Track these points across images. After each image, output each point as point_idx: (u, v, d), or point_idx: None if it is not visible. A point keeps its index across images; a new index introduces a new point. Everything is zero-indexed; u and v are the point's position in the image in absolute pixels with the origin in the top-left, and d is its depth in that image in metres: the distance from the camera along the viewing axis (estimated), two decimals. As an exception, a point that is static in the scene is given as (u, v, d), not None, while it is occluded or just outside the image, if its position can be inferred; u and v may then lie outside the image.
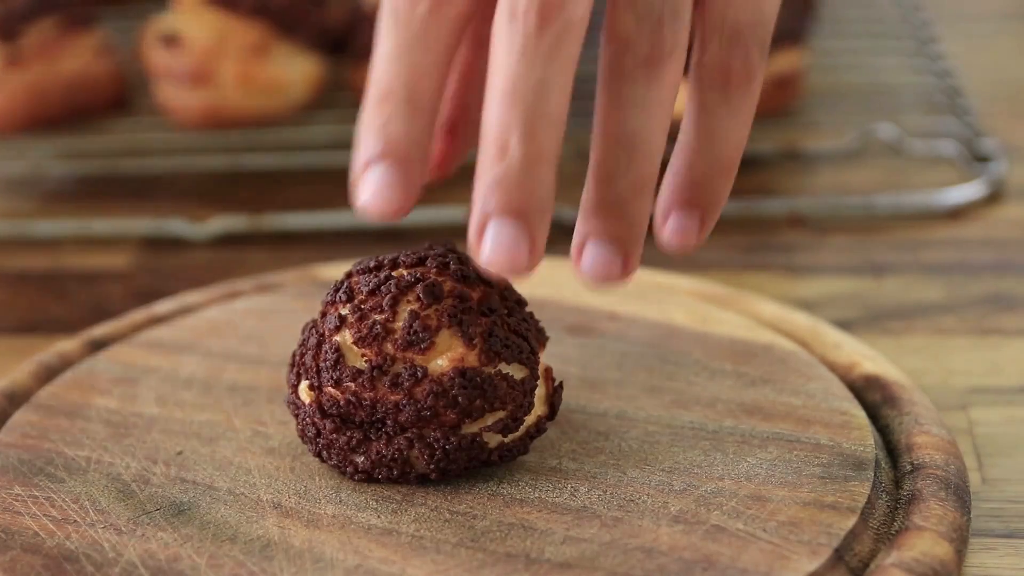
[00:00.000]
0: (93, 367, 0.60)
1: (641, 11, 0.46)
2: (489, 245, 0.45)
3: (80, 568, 0.47)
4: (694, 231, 0.49)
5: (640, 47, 0.46)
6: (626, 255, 0.47)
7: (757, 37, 0.48)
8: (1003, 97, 0.97)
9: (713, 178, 0.49)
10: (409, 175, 0.46)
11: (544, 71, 0.45)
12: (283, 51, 0.90)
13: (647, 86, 0.47)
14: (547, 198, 0.46)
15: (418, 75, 0.47)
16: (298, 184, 0.86)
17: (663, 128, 0.47)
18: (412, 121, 0.47)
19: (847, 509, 0.48)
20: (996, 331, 0.65)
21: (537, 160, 0.45)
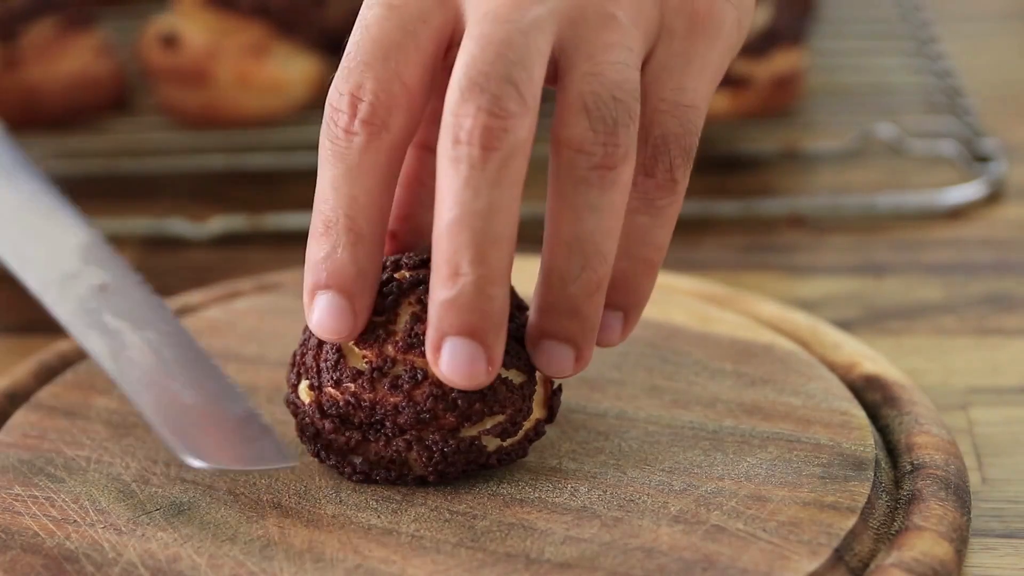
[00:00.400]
0: (93, 367, 0.60)
1: (594, 117, 0.47)
2: (446, 361, 0.47)
3: (80, 568, 0.47)
4: (616, 330, 0.50)
5: (594, 153, 0.47)
6: (579, 351, 0.49)
7: (682, 148, 0.49)
8: (1003, 97, 0.97)
9: (634, 277, 0.50)
10: (354, 302, 0.48)
11: (490, 196, 0.45)
12: (283, 51, 0.90)
13: (601, 190, 0.47)
14: (501, 313, 0.47)
15: (358, 205, 0.48)
16: (298, 184, 0.86)
17: (616, 231, 0.48)
18: (355, 250, 0.48)
19: (847, 509, 0.48)
20: (996, 331, 0.65)
21: (489, 281, 0.46)
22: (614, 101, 0.47)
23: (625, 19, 0.47)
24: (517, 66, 0.45)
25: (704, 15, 0.49)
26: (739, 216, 0.78)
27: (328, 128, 0.48)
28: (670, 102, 0.49)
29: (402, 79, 0.47)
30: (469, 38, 0.46)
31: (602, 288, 0.48)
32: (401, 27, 0.48)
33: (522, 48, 0.46)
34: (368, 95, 0.47)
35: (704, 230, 0.77)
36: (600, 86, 0.47)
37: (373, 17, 0.48)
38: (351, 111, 0.48)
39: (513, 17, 0.46)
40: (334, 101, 0.48)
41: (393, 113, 0.47)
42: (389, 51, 0.47)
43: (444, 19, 0.48)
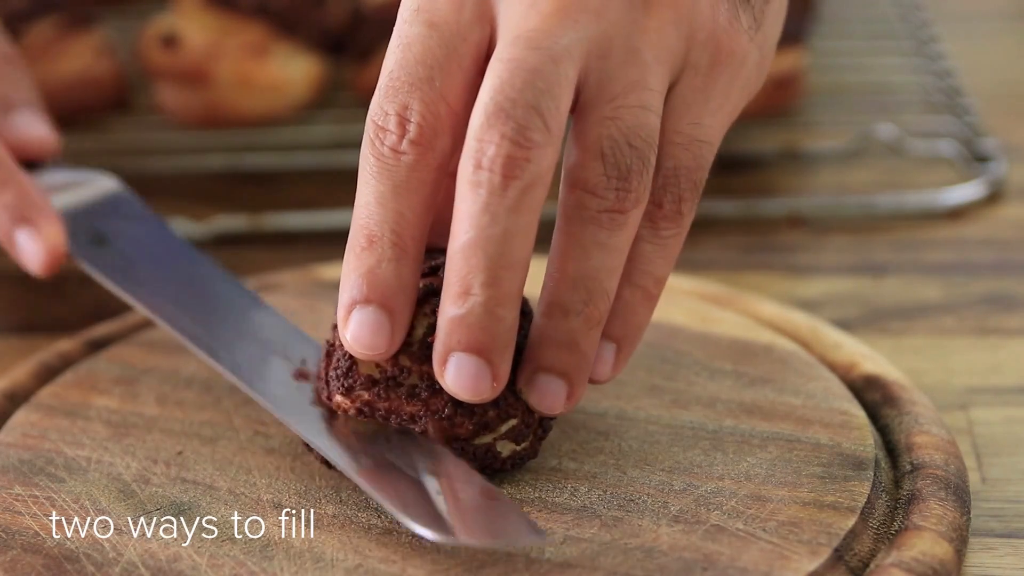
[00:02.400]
0: (93, 367, 0.60)
1: (609, 163, 0.47)
2: (452, 375, 0.47)
3: (81, 568, 0.47)
4: (608, 362, 0.50)
5: (606, 198, 0.47)
6: (571, 387, 0.49)
7: (692, 182, 0.49)
8: (1003, 97, 0.97)
9: (634, 309, 0.50)
10: (394, 318, 0.48)
11: (507, 223, 0.46)
12: (283, 51, 0.90)
13: (610, 231, 0.47)
14: (508, 333, 0.47)
15: (405, 221, 0.48)
16: (298, 184, 0.86)
17: (619, 270, 0.48)
18: (400, 265, 0.48)
19: (847, 509, 0.48)
20: (996, 331, 0.65)
21: (498, 303, 0.46)
22: (629, 148, 0.47)
23: (649, 55, 0.47)
24: (545, 95, 0.45)
25: (728, 53, 0.49)
26: (739, 216, 0.78)
27: (373, 145, 0.48)
28: (686, 135, 0.49)
29: (447, 100, 0.47)
30: (499, 61, 0.46)
31: (600, 324, 0.49)
32: (443, 45, 0.47)
33: (551, 77, 0.46)
34: (415, 116, 0.47)
35: (704, 230, 0.77)
36: (617, 131, 0.47)
37: (415, 36, 0.48)
38: (400, 131, 0.47)
39: (544, 44, 0.46)
40: (379, 119, 0.48)
41: (439, 134, 0.47)
42: (433, 70, 0.47)
43: (482, 35, 0.48)
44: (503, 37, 0.47)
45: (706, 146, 0.49)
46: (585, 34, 0.47)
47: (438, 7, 0.48)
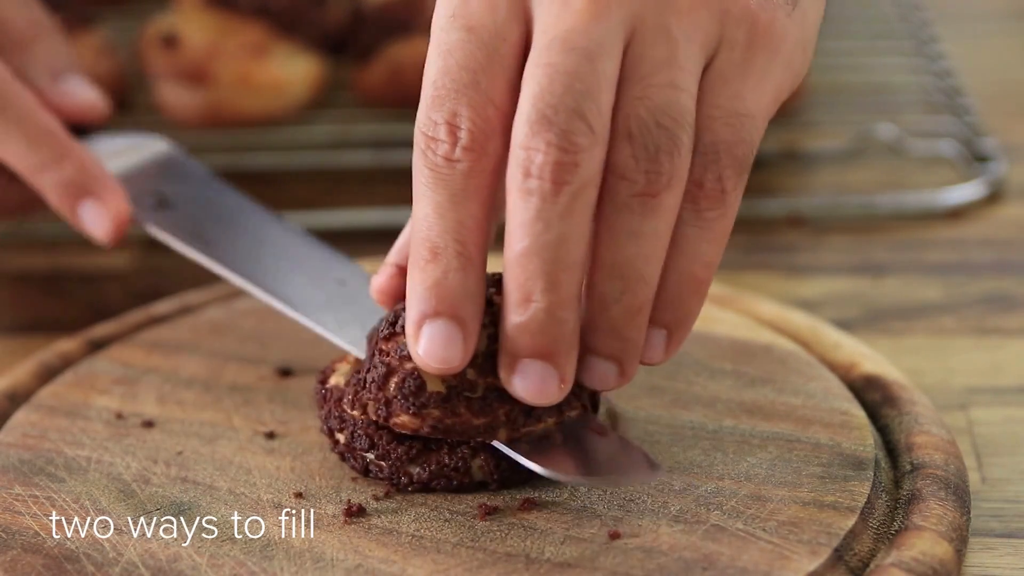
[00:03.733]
0: (93, 367, 0.60)
1: (637, 144, 0.46)
2: (520, 381, 0.47)
3: (81, 568, 0.47)
4: (660, 348, 0.49)
5: (636, 181, 0.47)
6: (622, 368, 0.49)
7: (734, 157, 0.48)
8: (1003, 97, 0.97)
9: (679, 294, 0.49)
10: (466, 328, 0.48)
11: (561, 228, 0.46)
12: (283, 51, 0.90)
13: (642, 217, 0.47)
14: (572, 335, 0.47)
15: (466, 229, 0.47)
16: (298, 184, 0.86)
17: (658, 255, 0.48)
18: (467, 275, 0.48)
19: (847, 509, 0.48)
20: (996, 331, 0.65)
21: (560, 306, 0.46)
22: (658, 128, 0.46)
23: (680, 33, 0.47)
24: (586, 97, 0.45)
25: (765, 28, 0.48)
26: (739, 216, 0.78)
27: (426, 156, 0.47)
28: (725, 109, 0.48)
29: (494, 102, 0.47)
30: (537, 66, 0.46)
31: (644, 310, 0.48)
32: (483, 48, 0.47)
33: (590, 77, 0.45)
34: (466, 122, 0.47)
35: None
36: (645, 111, 0.46)
37: (456, 42, 0.47)
38: (451, 139, 0.47)
39: (580, 43, 0.46)
40: (428, 130, 0.47)
41: (491, 137, 0.47)
42: (477, 74, 0.47)
43: (520, 33, 0.47)
44: (539, 38, 0.47)
45: (748, 120, 0.48)
46: (619, 21, 0.46)
47: (472, 11, 0.47)
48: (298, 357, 0.60)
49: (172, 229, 0.62)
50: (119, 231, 0.63)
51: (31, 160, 0.63)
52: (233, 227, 0.63)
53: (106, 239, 0.63)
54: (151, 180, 0.66)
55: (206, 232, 0.62)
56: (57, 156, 0.63)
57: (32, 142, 0.63)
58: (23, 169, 0.63)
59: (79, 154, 0.63)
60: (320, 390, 0.53)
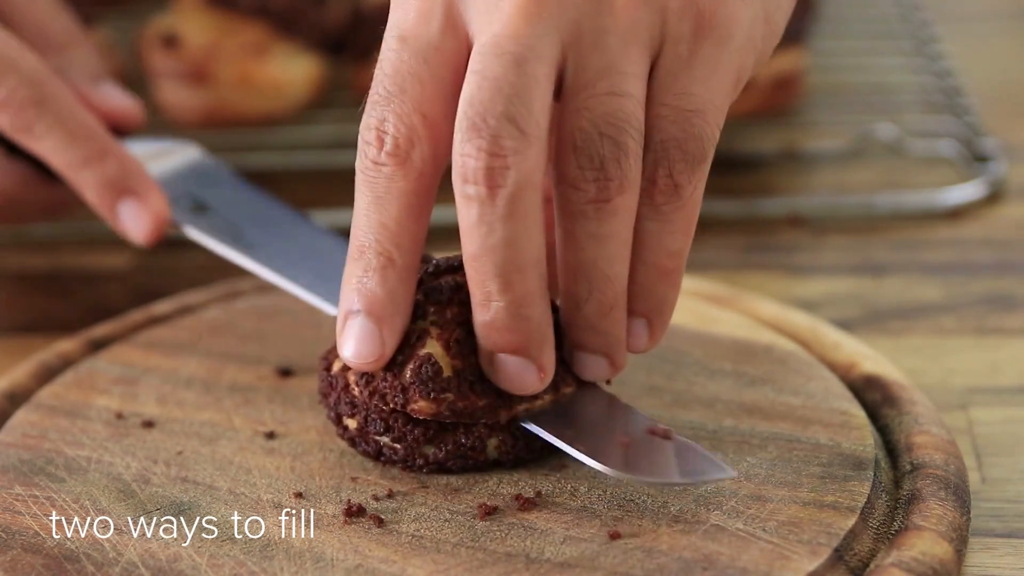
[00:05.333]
0: (93, 367, 0.60)
1: (583, 156, 0.47)
2: (499, 376, 0.49)
3: (81, 568, 0.47)
4: (643, 337, 0.51)
5: (586, 190, 0.47)
6: (609, 359, 0.50)
7: (684, 153, 0.48)
8: (1003, 97, 0.97)
9: (653, 285, 0.50)
10: (383, 327, 0.49)
11: (504, 230, 0.46)
12: (283, 51, 0.90)
13: (599, 221, 0.48)
14: (540, 329, 0.48)
15: (388, 232, 0.49)
16: (298, 184, 0.86)
17: (621, 255, 0.49)
18: (384, 275, 0.49)
19: (847, 509, 0.48)
20: (996, 331, 0.65)
21: (519, 304, 0.48)
22: (601, 137, 0.47)
23: (618, 37, 0.47)
24: (514, 101, 0.46)
25: (710, 17, 0.48)
26: (739, 216, 0.78)
27: (360, 159, 0.49)
28: (672, 107, 0.48)
29: (421, 110, 0.48)
30: (470, 73, 0.47)
31: (617, 306, 0.49)
32: (415, 57, 0.48)
33: (519, 81, 0.46)
34: (391, 128, 0.48)
35: (704, 230, 0.77)
36: (588, 122, 0.47)
37: (387, 51, 0.49)
38: (377, 144, 0.48)
39: (508, 48, 0.46)
40: (364, 134, 0.49)
41: (415, 145, 0.48)
42: (405, 83, 0.48)
43: (456, 44, 0.48)
44: (475, 46, 0.47)
45: (696, 115, 0.48)
46: (553, 26, 0.47)
47: (407, 21, 0.48)
48: (298, 357, 0.60)
49: (210, 232, 0.62)
50: (158, 232, 0.63)
51: (71, 156, 0.63)
52: (270, 230, 0.63)
53: (145, 240, 0.63)
54: (186, 184, 0.66)
55: (244, 235, 0.62)
56: (98, 153, 0.63)
57: (73, 138, 0.63)
58: (62, 165, 0.63)
59: (120, 153, 0.64)
60: (325, 376, 0.53)
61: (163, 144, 0.69)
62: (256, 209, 0.65)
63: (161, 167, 0.66)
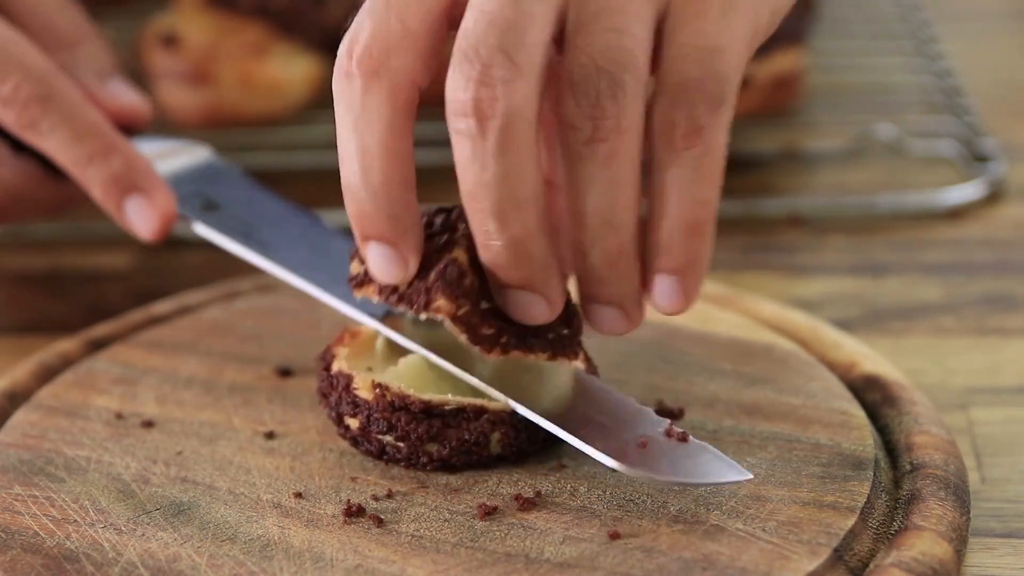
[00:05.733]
0: (93, 367, 0.60)
1: (579, 92, 0.46)
2: (509, 308, 0.49)
3: (80, 568, 0.47)
4: (678, 294, 0.49)
5: (583, 128, 0.47)
6: (625, 311, 0.49)
7: (705, 93, 0.47)
8: (1003, 97, 0.97)
9: (683, 240, 0.48)
10: (401, 247, 0.49)
11: (497, 165, 0.46)
12: (283, 51, 0.90)
13: (597, 165, 0.47)
14: (543, 264, 0.48)
15: (371, 154, 0.48)
16: (298, 184, 0.86)
17: (624, 200, 0.47)
18: (377, 199, 0.48)
19: (846, 509, 0.48)
20: (996, 331, 0.65)
21: (520, 240, 0.47)
22: (598, 72, 0.46)
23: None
24: (507, 33, 0.46)
25: None
26: (739, 216, 0.78)
27: (335, 74, 0.48)
28: (689, 46, 0.47)
29: (403, 21, 0.47)
30: (469, 8, 0.46)
31: (624, 255, 0.48)
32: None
33: (514, 16, 0.46)
34: (364, 37, 0.47)
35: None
36: (586, 57, 0.46)
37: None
38: (348, 54, 0.48)
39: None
40: (340, 47, 0.48)
41: (391, 54, 0.47)
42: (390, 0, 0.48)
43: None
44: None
45: (716, 54, 0.47)
46: None
47: None
48: (298, 357, 0.60)
49: (220, 229, 0.62)
50: (165, 229, 0.63)
51: (78, 152, 0.62)
52: (281, 229, 0.63)
53: (151, 236, 0.63)
54: (196, 183, 0.66)
55: (255, 233, 0.62)
56: (105, 149, 0.63)
57: (80, 134, 0.62)
58: (68, 161, 0.63)
59: (127, 149, 0.63)
60: (325, 376, 0.53)
61: (174, 144, 0.69)
62: (267, 209, 0.65)
63: (171, 165, 0.66)
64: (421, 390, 0.51)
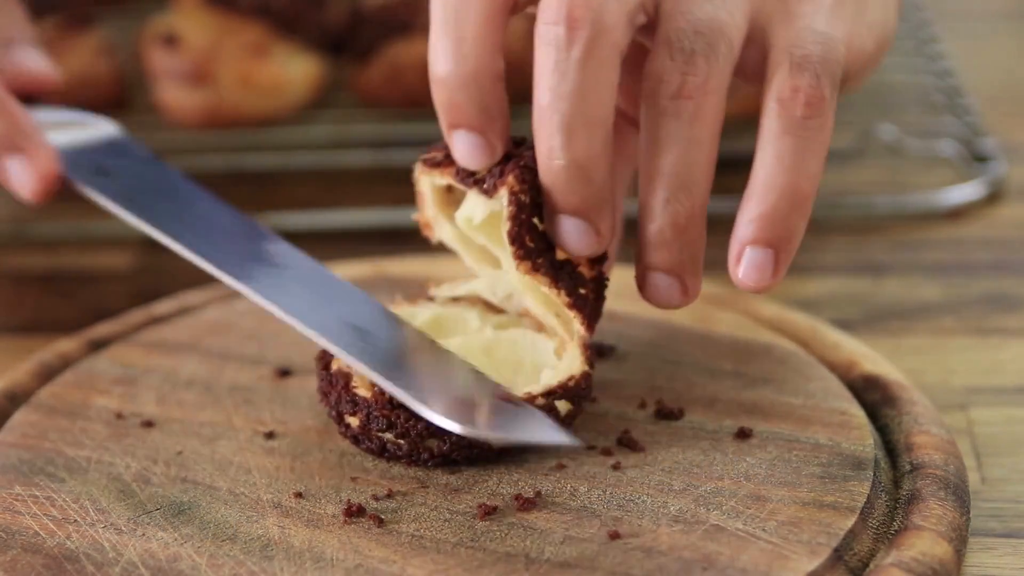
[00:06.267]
0: (93, 367, 0.60)
1: (675, 48, 0.48)
2: (559, 234, 0.50)
3: (80, 568, 0.47)
4: (768, 269, 0.50)
5: (672, 81, 0.48)
6: (683, 282, 0.50)
7: (828, 68, 0.49)
8: (1003, 97, 0.97)
9: (786, 212, 0.49)
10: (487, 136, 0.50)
11: (577, 78, 0.47)
12: (283, 51, 0.90)
13: (681, 121, 0.48)
14: (600, 191, 0.48)
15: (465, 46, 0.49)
16: (298, 184, 0.86)
17: (703, 163, 0.48)
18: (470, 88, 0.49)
19: (846, 509, 0.48)
20: (996, 331, 0.65)
21: (580, 164, 0.48)
22: (695, 34, 0.48)
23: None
24: None
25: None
26: (739, 216, 0.78)
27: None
28: (810, 29, 0.49)
29: None
30: None
31: (694, 220, 0.49)
32: None
33: None
34: None
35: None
36: (685, 22, 0.49)
37: None
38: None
39: None
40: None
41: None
42: None
43: None
44: None
45: (834, 42, 0.49)
46: None
47: None
48: (298, 357, 0.60)
49: (107, 193, 0.62)
50: (45, 190, 0.63)
51: None
52: (169, 199, 0.63)
53: (31, 196, 0.63)
54: (94, 154, 0.66)
55: (140, 199, 0.62)
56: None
57: None
58: None
59: (12, 110, 0.63)
60: (325, 375, 0.53)
61: (81, 116, 0.68)
62: (160, 180, 0.65)
63: (72, 136, 0.66)
64: None
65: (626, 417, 0.54)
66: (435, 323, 0.56)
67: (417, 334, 0.54)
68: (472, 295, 0.57)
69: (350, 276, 0.68)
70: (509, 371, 0.54)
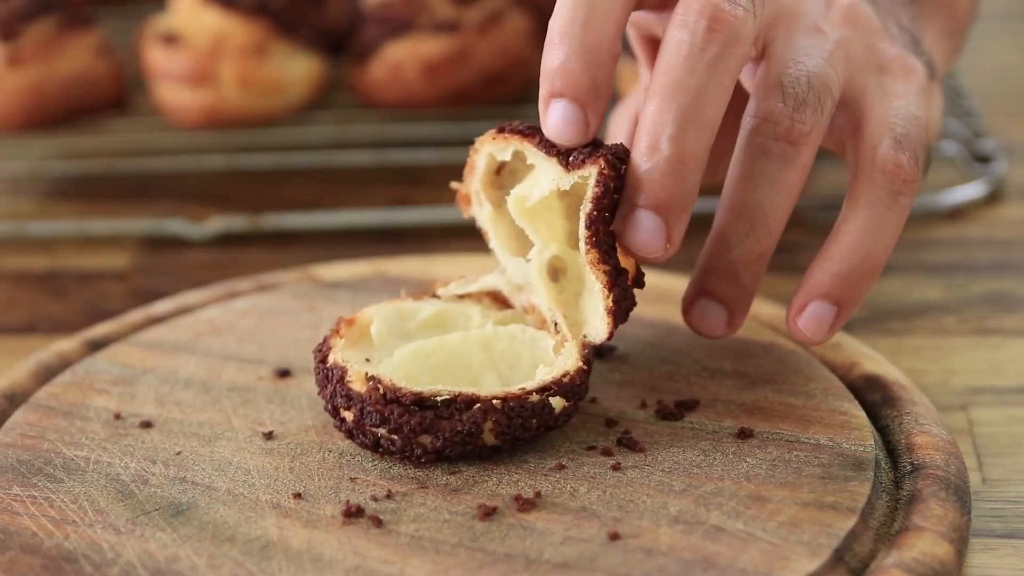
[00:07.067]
0: (92, 367, 0.60)
1: (788, 93, 0.50)
2: (631, 229, 0.50)
3: (79, 568, 0.47)
4: (827, 323, 0.52)
5: (780, 124, 0.50)
6: (731, 315, 0.52)
7: (922, 153, 0.52)
8: (1003, 97, 0.97)
9: (860, 275, 0.51)
10: (587, 111, 0.50)
11: (703, 77, 0.48)
12: (283, 51, 0.90)
13: (779, 164, 0.50)
14: (688, 195, 0.49)
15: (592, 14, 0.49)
16: (298, 184, 0.86)
17: (786, 208, 0.50)
18: (585, 59, 0.49)
19: (847, 509, 0.48)
20: (996, 331, 0.65)
21: (683, 161, 0.49)
22: (809, 85, 0.50)
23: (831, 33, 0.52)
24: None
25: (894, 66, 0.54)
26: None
27: None
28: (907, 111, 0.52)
29: None
30: None
31: (762, 260, 0.51)
32: None
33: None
34: None
35: (704, 230, 0.77)
36: (798, 71, 0.50)
37: None
38: None
39: None
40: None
41: None
42: None
43: None
44: None
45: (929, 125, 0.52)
46: None
47: None
48: (297, 357, 0.60)
49: None
50: None
51: None
52: None
53: None
54: None
55: None
56: None
57: None
58: None
59: None
60: (321, 369, 0.53)
61: None
62: None
63: None
64: (417, 379, 0.52)
65: (626, 417, 0.54)
66: (437, 318, 0.56)
67: None
68: (479, 292, 0.57)
69: (350, 276, 0.68)
70: (506, 366, 0.54)
